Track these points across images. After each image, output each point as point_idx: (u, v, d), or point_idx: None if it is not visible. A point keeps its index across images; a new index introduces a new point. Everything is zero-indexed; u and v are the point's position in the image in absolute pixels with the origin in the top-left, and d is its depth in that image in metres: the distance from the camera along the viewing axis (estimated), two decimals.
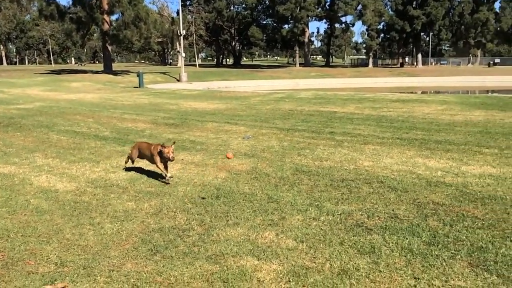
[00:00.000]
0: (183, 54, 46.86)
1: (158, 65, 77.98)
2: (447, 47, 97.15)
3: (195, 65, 72.30)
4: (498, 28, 78.71)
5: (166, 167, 6.04)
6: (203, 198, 5.33)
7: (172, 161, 5.89)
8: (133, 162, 6.74)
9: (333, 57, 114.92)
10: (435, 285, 3.17)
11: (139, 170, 6.88)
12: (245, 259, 3.64)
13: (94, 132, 10.96)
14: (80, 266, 3.58)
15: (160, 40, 71.25)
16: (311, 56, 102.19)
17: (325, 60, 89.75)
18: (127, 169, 6.92)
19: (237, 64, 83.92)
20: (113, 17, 49.75)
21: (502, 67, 68.34)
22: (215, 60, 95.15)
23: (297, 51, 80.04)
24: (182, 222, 4.57)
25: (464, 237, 4.02)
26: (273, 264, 3.56)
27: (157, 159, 5.93)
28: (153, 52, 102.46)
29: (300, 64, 76.79)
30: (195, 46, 78.33)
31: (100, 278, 3.37)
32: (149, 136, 10.23)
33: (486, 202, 4.99)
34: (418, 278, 3.27)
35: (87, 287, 3.25)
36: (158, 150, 5.88)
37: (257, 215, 4.72)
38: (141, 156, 6.48)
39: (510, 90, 30.77)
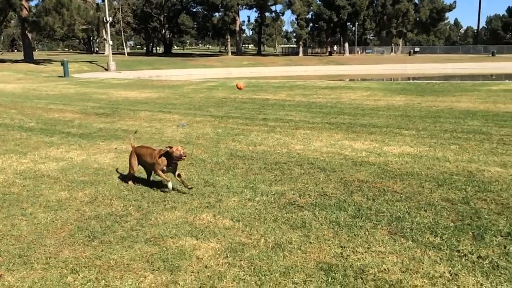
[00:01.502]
0: (111, 42, 45.21)
1: (84, 54, 74.46)
2: (372, 36, 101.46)
3: (123, 54, 69.91)
4: (417, 19, 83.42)
5: (175, 172, 5.05)
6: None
7: (185, 158, 4.92)
8: (134, 173, 5.42)
9: (265, 45, 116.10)
10: (359, 252, 3.49)
11: (71, 160, 6.72)
12: (184, 240, 3.77)
13: (18, 123, 10.44)
14: (16, 255, 3.52)
15: (84, 27, 67.80)
16: (243, 45, 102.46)
17: (257, 48, 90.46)
18: (58, 160, 6.73)
19: (168, 53, 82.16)
20: (33, 3, 46.86)
21: (421, 55, 72.70)
22: (145, 48, 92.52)
23: (229, 40, 79.94)
24: (119, 208, 4.59)
25: (385, 209, 4.41)
26: (211, 242, 3.72)
27: (159, 167, 4.97)
28: (77, 40, 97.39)
29: (232, 53, 76.81)
30: (122, 34, 75.72)
31: (37, 265, 3.35)
32: (78, 126, 9.93)
33: (404, 178, 5.47)
34: (344, 247, 3.58)
35: (25, 274, 3.22)
36: (163, 152, 4.97)
37: (194, 198, 4.84)
38: (142, 163, 5.32)
39: (428, 77, 32.97)
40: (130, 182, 5.37)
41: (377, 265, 3.26)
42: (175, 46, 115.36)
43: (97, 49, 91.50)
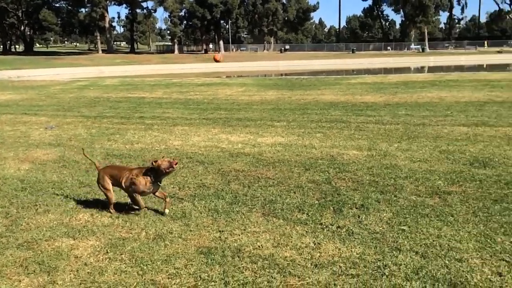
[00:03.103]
0: None
1: None
2: (245, 34, 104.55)
3: None
4: (286, 18, 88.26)
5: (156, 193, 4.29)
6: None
7: (176, 166, 4.12)
8: (112, 196, 4.37)
9: (138, 43, 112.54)
10: (236, 234, 3.75)
11: None
12: (60, 241, 3.66)
13: None
14: None
15: None
16: (115, 42, 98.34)
17: (130, 46, 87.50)
18: None
19: (29, 51, 75.28)
20: None
21: (291, 52, 77.13)
22: (1, 46, 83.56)
23: (98, 37, 76.10)
24: None
25: (259, 194, 4.76)
26: (89, 240, 3.68)
27: (138, 189, 4.17)
28: None
29: (103, 51, 73.33)
30: None
31: None
32: None
33: (276, 165, 5.91)
34: (223, 231, 3.82)
35: None
36: (146, 170, 4.21)
37: (69, 200, 4.68)
38: (116, 184, 4.36)
39: (298, 73, 35.13)
40: (112, 210, 4.34)
41: (252, 243, 3.55)
42: (38, 44, 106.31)
43: None
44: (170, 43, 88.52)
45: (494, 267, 3.05)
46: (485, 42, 75.37)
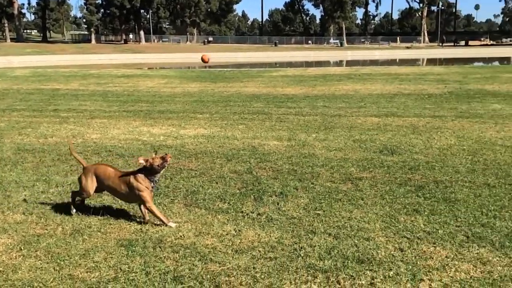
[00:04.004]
0: None
1: None
2: (167, 25, 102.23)
3: None
4: (209, 9, 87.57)
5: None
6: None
7: (169, 160, 3.69)
8: (84, 199, 4.13)
9: (51, 32, 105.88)
10: (157, 225, 3.75)
11: None
12: None
13: None
14: None
15: None
16: (25, 31, 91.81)
17: (42, 35, 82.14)
18: None
19: None
20: None
21: (215, 44, 76.74)
22: None
23: (6, 25, 70.56)
24: None
25: (181, 186, 4.78)
26: (1, 239, 3.49)
27: (147, 195, 3.73)
28: None
29: (12, 39, 68.20)
30: None
31: None
32: None
33: (199, 157, 5.95)
34: (144, 223, 3.79)
35: None
36: (139, 171, 3.77)
37: None
38: (102, 187, 3.97)
39: (222, 65, 35.11)
40: (73, 209, 4.02)
41: (174, 233, 3.58)
42: None
43: None
44: (86, 32, 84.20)
45: (397, 243, 3.36)
46: (398, 38, 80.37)
